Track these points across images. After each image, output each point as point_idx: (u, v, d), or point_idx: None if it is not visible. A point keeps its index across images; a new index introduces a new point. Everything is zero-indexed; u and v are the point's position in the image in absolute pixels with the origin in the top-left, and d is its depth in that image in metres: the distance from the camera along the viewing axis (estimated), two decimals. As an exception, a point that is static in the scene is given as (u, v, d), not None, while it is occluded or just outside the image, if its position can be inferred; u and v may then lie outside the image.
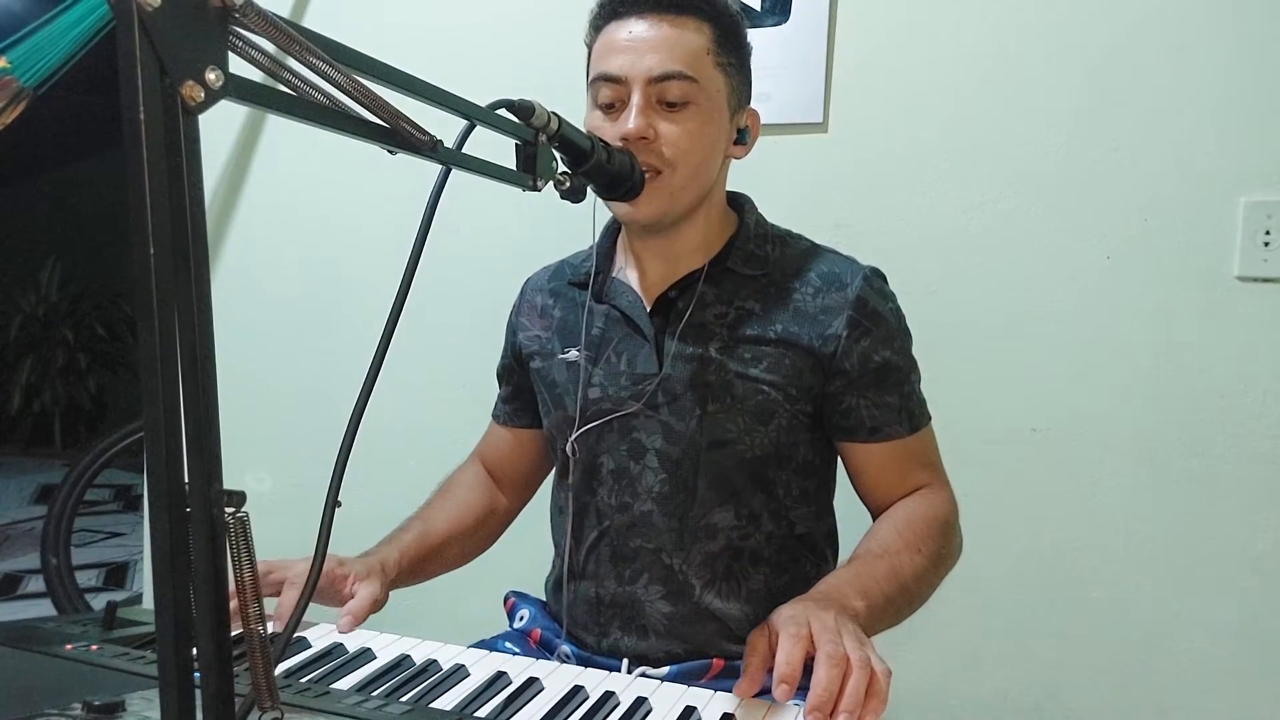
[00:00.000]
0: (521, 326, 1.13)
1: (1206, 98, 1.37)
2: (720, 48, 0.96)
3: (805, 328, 0.97)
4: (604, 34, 0.97)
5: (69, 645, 0.80)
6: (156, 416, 0.43)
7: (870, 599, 0.85)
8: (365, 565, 0.98)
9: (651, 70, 0.93)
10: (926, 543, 0.94)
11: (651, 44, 0.93)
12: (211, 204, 1.99)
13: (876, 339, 0.98)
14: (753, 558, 1.00)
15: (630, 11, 0.95)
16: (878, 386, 0.98)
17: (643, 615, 0.99)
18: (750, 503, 0.99)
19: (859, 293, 0.98)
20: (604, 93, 0.95)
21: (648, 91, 0.93)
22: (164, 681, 0.44)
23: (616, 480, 1.01)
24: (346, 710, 0.71)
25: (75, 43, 1.61)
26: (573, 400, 1.02)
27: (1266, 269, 1.36)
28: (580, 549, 1.04)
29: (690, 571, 0.98)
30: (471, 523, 1.14)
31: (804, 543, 1.03)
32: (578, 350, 1.03)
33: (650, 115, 0.94)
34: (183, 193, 0.43)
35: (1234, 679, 1.41)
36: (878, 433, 0.99)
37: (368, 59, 0.56)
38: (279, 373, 1.97)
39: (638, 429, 0.99)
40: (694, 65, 0.94)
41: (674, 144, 0.94)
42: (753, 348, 0.98)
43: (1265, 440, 1.38)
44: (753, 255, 1.02)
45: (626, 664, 0.99)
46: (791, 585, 1.01)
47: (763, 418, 0.97)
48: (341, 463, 0.61)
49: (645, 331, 1.00)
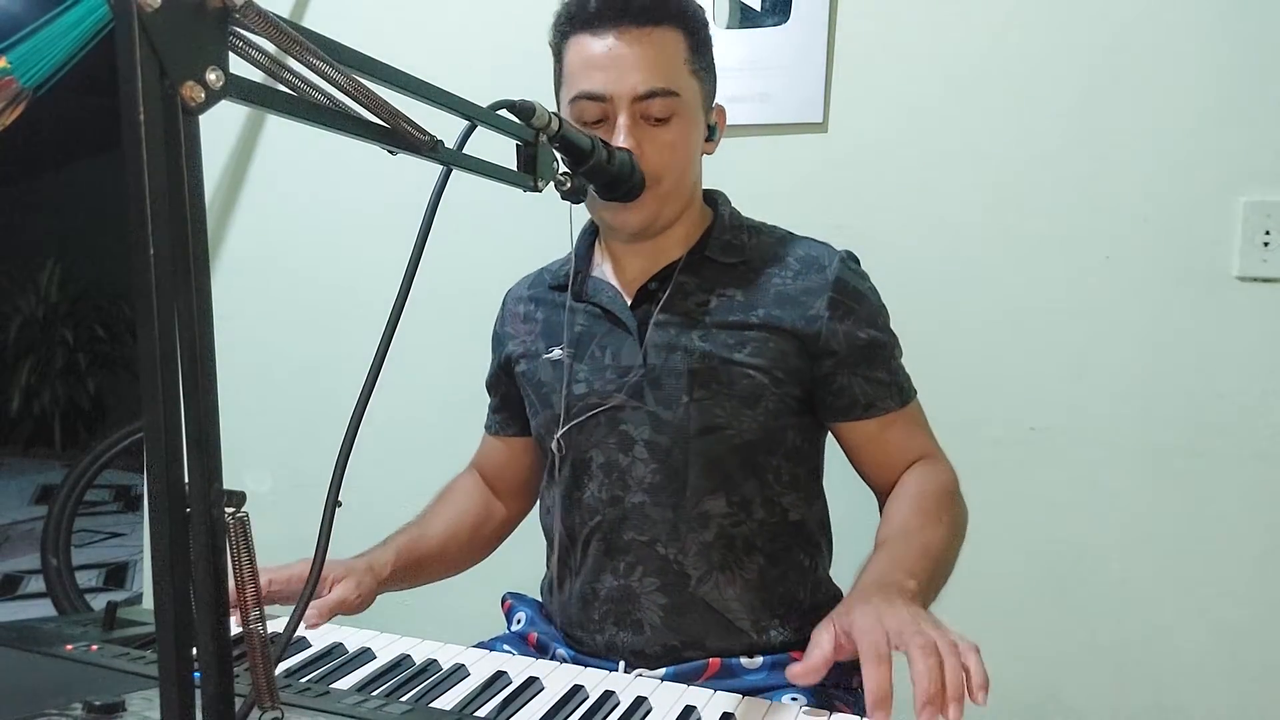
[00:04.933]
0: (507, 336, 1.14)
1: (1206, 98, 1.37)
2: (693, 54, 0.98)
3: (787, 311, 0.99)
4: (577, 44, 0.96)
5: (69, 645, 0.80)
6: (156, 416, 0.43)
7: (918, 579, 0.84)
8: (346, 566, 0.99)
9: (636, 89, 0.93)
10: (943, 513, 0.96)
11: (633, 61, 0.93)
12: (211, 204, 1.99)
13: (860, 317, 1.00)
14: (746, 546, 1.00)
15: (607, 26, 0.94)
16: (868, 363, 1.00)
17: (638, 609, 0.99)
18: (742, 489, 0.99)
19: (838, 274, 1.00)
20: (590, 110, 0.95)
21: (633, 109, 0.94)
22: (164, 681, 0.44)
23: (606, 474, 1.01)
24: (346, 710, 0.71)
25: (75, 43, 1.61)
26: (559, 398, 1.03)
27: (1266, 269, 1.36)
28: (573, 547, 1.04)
29: (686, 562, 0.98)
30: (467, 529, 1.15)
31: (799, 530, 1.03)
32: (561, 349, 1.04)
33: (637, 132, 0.95)
34: (183, 193, 0.43)
35: (1234, 679, 1.41)
36: (871, 408, 1.00)
37: (368, 59, 0.56)
38: (279, 373, 1.97)
39: (625, 421, 1.00)
40: (674, 79, 0.95)
41: (660, 157, 0.96)
42: (736, 333, 0.98)
43: (1265, 440, 1.38)
44: (729, 244, 1.03)
45: (623, 666, 0.99)
46: (787, 575, 1.01)
47: (750, 402, 0.98)
48: (342, 462, 0.61)
49: (628, 324, 1.01)
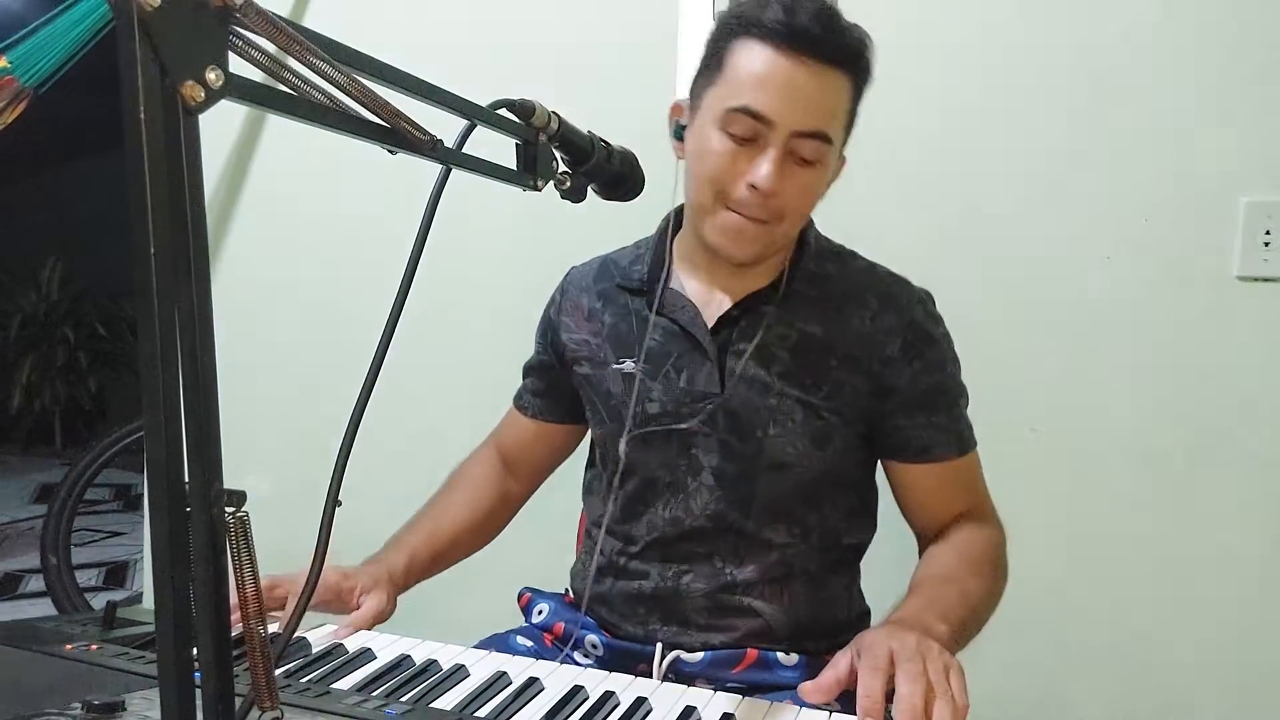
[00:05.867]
0: (565, 326, 1.11)
1: (1206, 98, 1.37)
2: (852, 104, 0.94)
3: (864, 350, 0.98)
4: (751, 51, 0.90)
5: (69, 645, 0.80)
6: (157, 415, 0.43)
7: (950, 623, 0.85)
8: (372, 576, 0.99)
9: (800, 125, 0.89)
10: (984, 568, 0.96)
11: (807, 95, 0.89)
12: (211, 204, 1.99)
13: (929, 361, 0.99)
14: (800, 569, 1.01)
15: (791, 48, 0.88)
16: (929, 408, 0.99)
17: (684, 608, 1.00)
18: (804, 520, 1.01)
19: (914, 316, 0.99)
20: (743, 125, 0.90)
21: (789, 143, 0.90)
22: (164, 681, 0.44)
23: (673, 494, 1.01)
24: (346, 710, 0.71)
25: (75, 43, 1.61)
26: (628, 411, 1.02)
27: (1266, 269, 1.36)
28: (625, 549, 1.04)
29: (740, 576, 1.00)
30: (482, 516, 1.15)
31: (850, 552, 1.06)
32: (634, 362, 1.02)
33: (783, 169, 0.91)
34: (183, 193, 0.43)
35: (1234, 679, 1.41)
36: (926, 453, 1.00)
37: (368, 59, 0.55)
38: (279, 372, 1.98)
39: (695, 445, 1.00)
40: (833, 126, 0.92)
41: (793, 200, 0.93)
42: (814, 374, 0.98)
43: (1265, 439, 1.38)
44: (814, 275, 1.01)
45: (660, 648, 0.99)
46: (834, 597, 1.04)
47: (821, 443, 0.98)
48: (342, 462, 0.61)
49: (708, 350, 0.99)
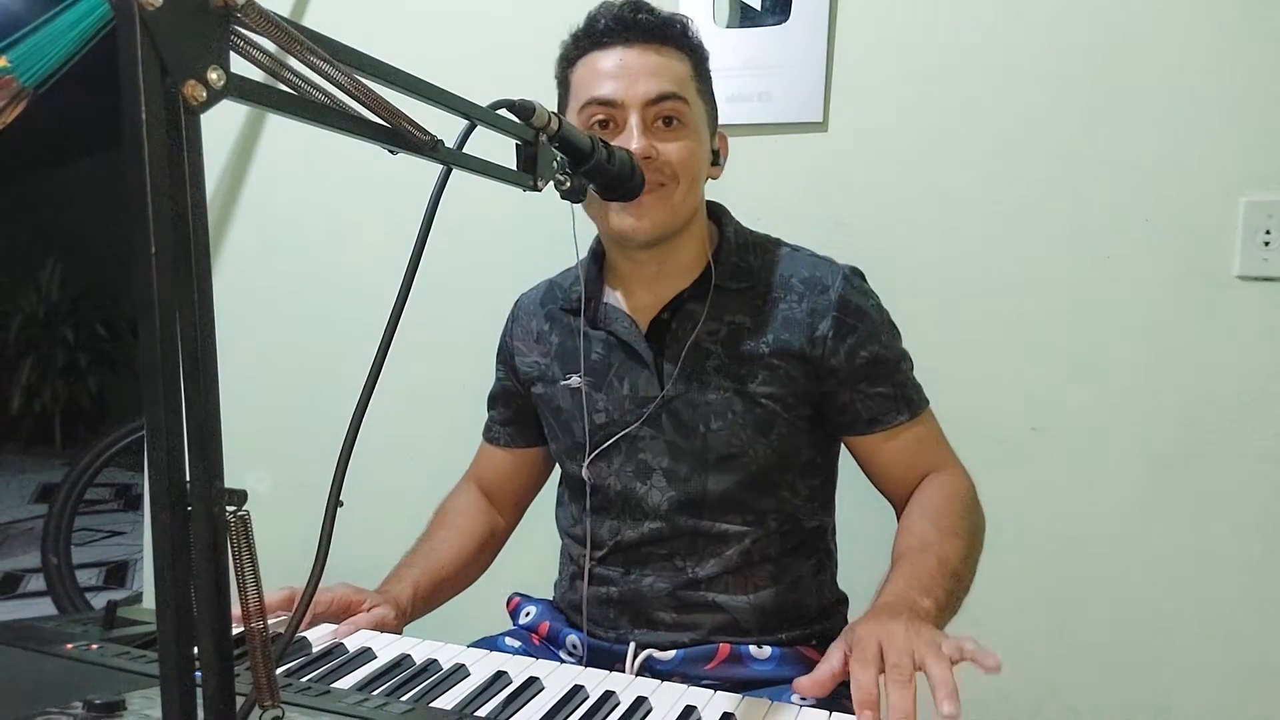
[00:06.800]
0: (518, 351, 1.14)
1: (1206, 98, 1.37)
2: (697, 76, 1.02)
3: (795, 334, 1.00)
4: (584, 64, 1.00)
5: (69, 644, 0.80)
6: (157, 415, 0.43)
7: (934, 596, 0.86)
8: (381, 595, 1.02)
9: (648, 94, 0.97)
10: (960, 525, 0.97)
11: (643, 70, 0.97)
12: (211, 204, 1.99)
13: (862, 335, 1.01)
14: (761, 556, 1.02)
15: (616, 41, 0.98)
16: (870, 378, 1.01)
17: (650, 610, 1.02)
18: (758, 507, 1.02)
19: (841, 293, 1.01)
20: (599, 112, 0.98)
21: (644, 114, 0.97)
22: (165, 680, 0.44)
23: (626, 500, 1.04)
24: (347, 710, 0.71)
25: (75, 42, 1.61)
26: (580, 426, 1.05)
27: (1266, 269, 1.36)
28: (590, 557, 1.06)
29: (701, 572, 1.01)
30: (474, 550, 1.16)
31: (811, 537, 1.06)
32: (579, 376, 1.06)
33: (650, 134, 0.97)
34: (184, 193, 0.43)
35: (1234, 679, 1.41)
36: (877, 423, 1.01)
37: (368, 58, 0.55)
38: (280, 372, 1.97)
39: (644, 449, 1.03)
40: (683, 88, 0.99)
41: (674, 159, 0.98)
42: (748, 363, 1.00)
43: (1265, 440, 1.38)
44: (737, 268, 1.04)
45: (633, 648, 1.01)
46: (798, 583, 1.04)
47: (764, 430, 1.00)
48: (343, 462, 0.61)
49: (644, 356, 1.02)
